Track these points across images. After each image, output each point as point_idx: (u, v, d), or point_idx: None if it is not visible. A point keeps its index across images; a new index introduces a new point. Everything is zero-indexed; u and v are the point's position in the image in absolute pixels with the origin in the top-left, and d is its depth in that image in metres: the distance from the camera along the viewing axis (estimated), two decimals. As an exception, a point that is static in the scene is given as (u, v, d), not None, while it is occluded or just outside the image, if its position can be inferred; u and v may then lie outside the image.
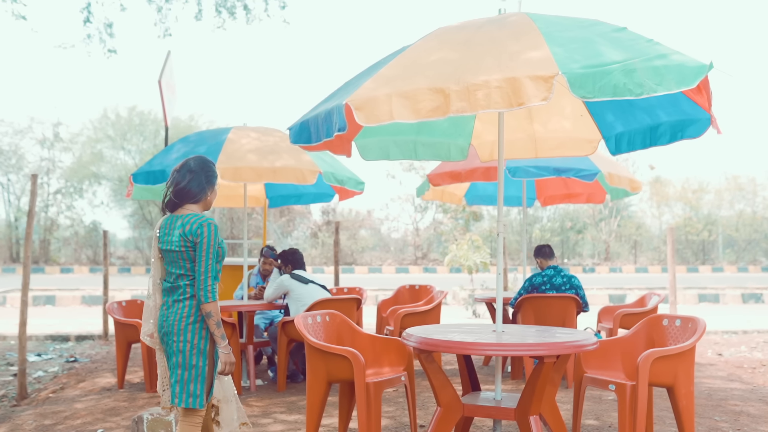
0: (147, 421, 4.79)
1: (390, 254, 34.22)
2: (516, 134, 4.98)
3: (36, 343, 10.54)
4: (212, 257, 3.28)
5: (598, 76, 2.89)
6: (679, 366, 4.10)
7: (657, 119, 4.32)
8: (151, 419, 4.80)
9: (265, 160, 6.23)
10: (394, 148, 4.84)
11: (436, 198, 8.34)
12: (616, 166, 7.07)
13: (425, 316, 6.98)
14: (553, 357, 3.52)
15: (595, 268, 31.00)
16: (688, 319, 4.36)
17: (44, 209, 30.91)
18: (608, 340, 4.58)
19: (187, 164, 3.45)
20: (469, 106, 2.91)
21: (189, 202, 3.39)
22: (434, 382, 3.77)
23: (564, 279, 6.43)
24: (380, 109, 3.03)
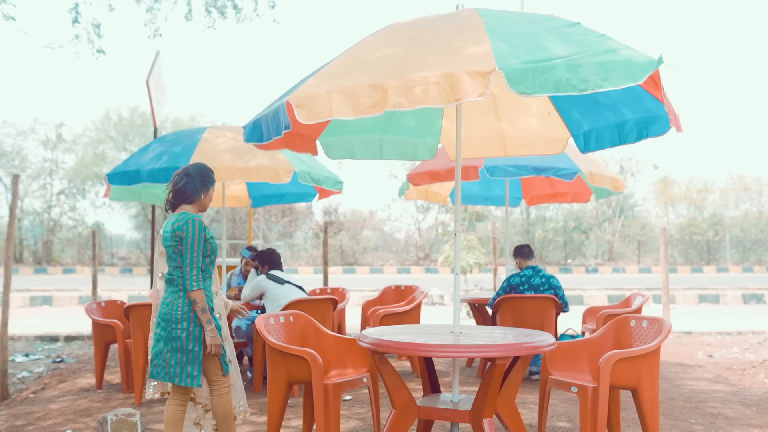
0: (111, 422, 4.75)
1: (392, 255, 34.15)
2: (484, 132, 4.92)
3: (25, 344, 10.54)
4: (196, 250, 3.64)
5: (539, 71, 2.82)
6: (642, 368, 4.03)
7: (622, 117, 4.25)
8: (115, 420, 4.76)
9: (240, 159, 6.19)
10: (360, 147, 4.79)
11: (419, 197, 8.28)
12: (598, 164, 6.99)
13: (404, 317, 6.92)
14: (506, 359, 3.46)
15: (598, 269, 30.85)
16: (655, 320, 4.29)
17: (47, 210, 31.04)
18: (574, 342, 4.51)
19: (186, 169, 3.86)
20: (407, 101, 2.85)
21: (184, 203, 3.80)
22: (388, 384, 3.71)
23: (542, 279, 6.36)
24: (320, 106, 2.98)
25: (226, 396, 3.86)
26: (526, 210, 33.29)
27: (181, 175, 3.82)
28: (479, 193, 8.69)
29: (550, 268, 30.69)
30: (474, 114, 4.84)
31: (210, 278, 3.82)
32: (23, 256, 30.99)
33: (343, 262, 33.39)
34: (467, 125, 4.95)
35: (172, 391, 3.90)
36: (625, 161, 32.73)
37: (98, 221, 32.45)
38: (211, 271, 3.79)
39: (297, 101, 3.03)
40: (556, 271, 30.30)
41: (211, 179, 3.86)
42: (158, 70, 10.35)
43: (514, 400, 3.91)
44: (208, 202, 3.87)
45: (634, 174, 32.83)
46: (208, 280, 3.79)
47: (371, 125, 4.77)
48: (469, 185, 8.66)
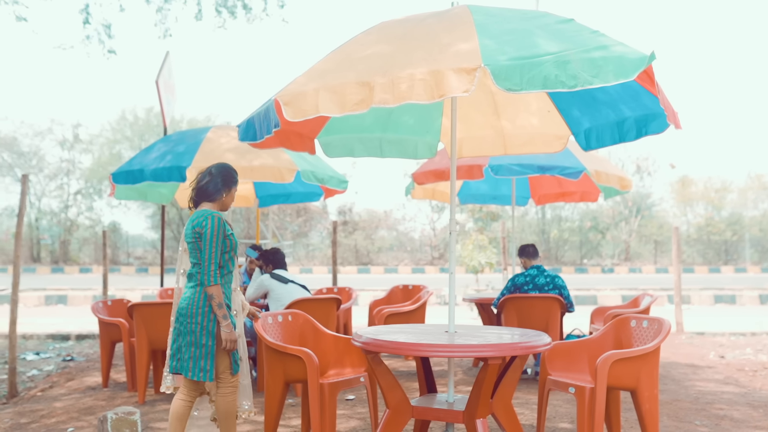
0: (111, 420, 4.76)
1: (407, 254, 34.11)
2: (484, 131, 4.89)
3: (37, 342, 10.64)
4: (214, 246, 3.71)
5: (527, 68, 2.79)
6: (641, 369, 3.97)
7: (621, 114, 4.21)
8: (115, 418, 4.78)
9: (243, 158, 6.20)
10: (359, 146, 4.77)
11: (426, 197, 8.25)
12: (605, 163, 6.92)
13: (409, 316, 6.90)
14: (498, 359, 3.42)
15: (614, 269, 30.59)
16: (655, 320, 4.23)
17: (64, 210, 31.33)
18: (574, 342, 4.46)
19: (209, 168, 3.94)
20: (392, 97, 2.83)
21: (206, 201, 3.89)
22: (382, 384, 3.69)
23: (547, 279, 6.31)
24: (307, 104, 2.97)
25: (231, 395, 3.91)
26: (541, 210, 33.10)
27: (204, 174, 3.90)
28: (487, 192, 8.64)
29: (565, 268, 30.50)
30: (474, 112, 4.80)
31: (230, 275, 3.88)
32: (41, 255, 31.30)
33: (358, 261, 33.38)
34: (467, 124, 4.92)
35: (182, 386, 3.96)
36: (641, 160, 32.45)
37: (114, 221, 32.69)
38: (230, 267, 3.86)
39: (285, 99, 3.02)
40: (572, 271, 30.12)
41: (233, 179, 3.94)
42: (168, 70, 10.39)
43: (510, 400, 3.88)
44: (230, 202, 3.96)
45: (650, 173, 32.54)
46: (227, 276, 3.86)
47: (370, 124, 4.75)
48: (476, 184, 8.61)
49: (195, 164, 6.02)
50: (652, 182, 37.30)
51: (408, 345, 3.44)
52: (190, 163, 6.03)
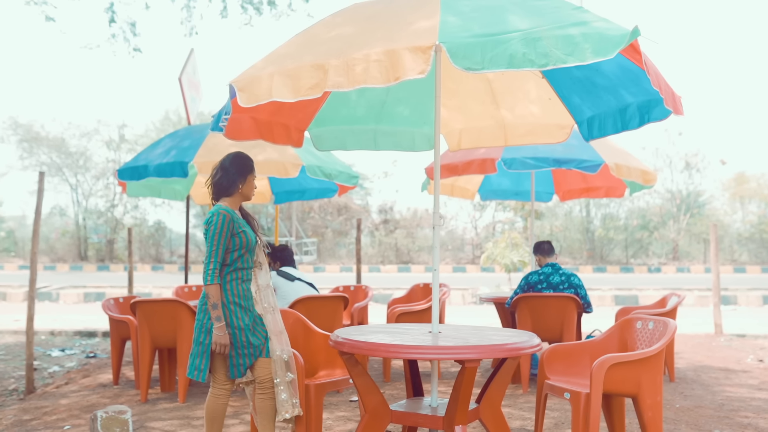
0: (101, 419, 4.69)
1: (448, 253, 33.77)
2: (484, 121, 4.64)
3: (64, 338, 10.76)
4: (216, 244, 3.55)
5: (490, 45, 2.56)
6: (642, 374, 3.69)
7: (623, 100, 3.93)
8: (105, 417, 4.70)
9: (248, 154, 6.06)
10: (351, 138, 4.60)
11: (445, 192, 8.01)
12: (626, 156, 6.56)
13: (421, 315, 6.68)
14: (475, 361, 3.19)
15: (661, 268, 29.70)
16: (661, 321, 3.93)
17: (110, 210, 31.95)
18: (574, 344, 4.19)
19: (221, 161, 3.75)
20: (346, 81, 2.64)
21: (223, 196, 3.72)
22: (359, 387, 3.50)
23: (562, 278, 6.01)
24: (261, 89, 2.80)
25: (221, 399, 3.77)
26: (586, 207, 32.35)
27: (217, 168, 3.74)
28: (509, 187, 8.36)
29: (610, 268, 29.74)
30: (471, 102, 4.57)
31: (244, 271, 3.70)
32: (88, 254, 31.99)
33: (399, 260, 33.20)
34: (465, 114, 4.69)
35: (211, 382, 3.82)
36: (690, 156, 31.42)
37: (159, 220, 33.25)
38: (243, 264, 3.68)
39: (239, 84, 2.86)
40: (617, 271, 29.35)
41: (247, 167, 3.75)
42: (192, 67, 10.38)
43: (500, 405, 3.64)
44: (249, 191, 3.77)
45: (700, 170, 31.47)
46: (240, 272, 3.67)
47: (362, 115, 4.57)
48: (497, 179, 8.34)
49: (197, 159, 5.92)
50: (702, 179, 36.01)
51: (382, 346, 3.24)
52: (192, 159, 5.94)
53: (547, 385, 3.98)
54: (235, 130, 3.82)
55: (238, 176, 3.71)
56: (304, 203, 34.31)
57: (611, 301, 16.75)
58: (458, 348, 3.20)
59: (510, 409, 5.41)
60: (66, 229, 32.38)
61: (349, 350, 3.32)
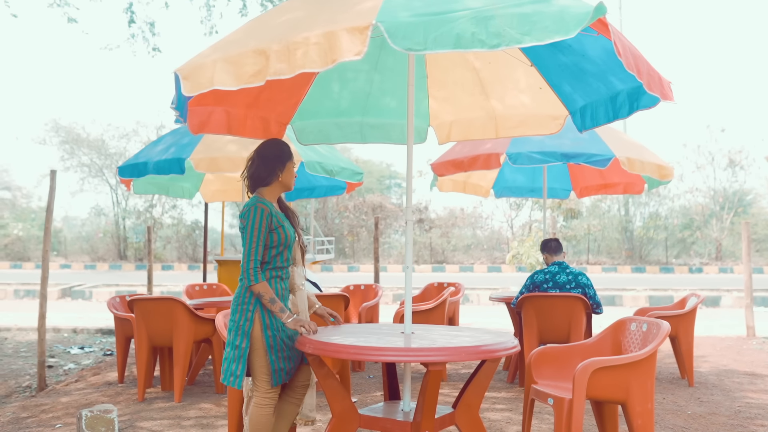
0: (86, 418, 4.64)
1: (483, 253, 33.39)
2: (474, 112, 4.44)
3: (85, 336, 10.86)
4: (255, 240, 3.27)
5: (435, 24, 2.38)
6: (631, 379, 3.45)
7: (613, 88, 3.70)
8: (90, 416, 4.64)
9: (246, 150, 5.95)
10: (336, 131, 4.45)
11: (456, 189, 7.79)
12: (639, 149, 6.27)
13: (428, 315, 6.50)
14: (439, 364, 3.01)
15: (702, 268, 28.83)
16: (654, 323, 3.69)
17: (149, 210, 32.43)
18: (563, 347, 3.97)
19: (257, 149, 3.49)
20: (287, 67, 2.49)
21: (261, 187, 3.45)
22: (325, 389, 3.35)
23: (569, 277, 5.77)
24: (203, 77, 2.66)
25: (266, 408, 3.38)
26: (624, 206, 31.62)
27: (252, 159, 3.47)
28: (524, 184, 8.11)
29: (650, 268, 28.99)
30: (460, 92, 4.38)
31: (280, 270, 3.42)
32: (127, 253, 32.51)
33: (433, 260, 32.96)
34: (455, 105, 4.50)
35: (254, 391, 3.44)
36: (734, 153, 30.45)
37: (196, 219, 33.60)
38: (280, 263, 3.41)
39: (184, 72, 2.73)
40: (656, 271, 28.61)
41: (285, 154, 3.45)
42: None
43: (478, 410, 3.45)
44: (289, 179, 3.47)
45: (744, 167, 30.47)
46: (278, 271, 3.40)
47: (347, 107, 4.41)
48: (512, 176, 8.10)
49: (194, 155, 5.85)
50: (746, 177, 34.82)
51: (343, 347, 3.08)
52: (189, 155, 5.86)
53: (533, 390, 3.78)
54: (201, 123, 3.70)
55: (277, 163, 3.41)
56: (339, 203, 34.33)
57: (645, 301, 16.28)
58: (422, 350, 3.03)
59: (511, 414, 5.20)
60: (106, 228, 32.99)
61: (312, 351, 3.17)
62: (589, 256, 31.44)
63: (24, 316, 13.21)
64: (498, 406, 5.49)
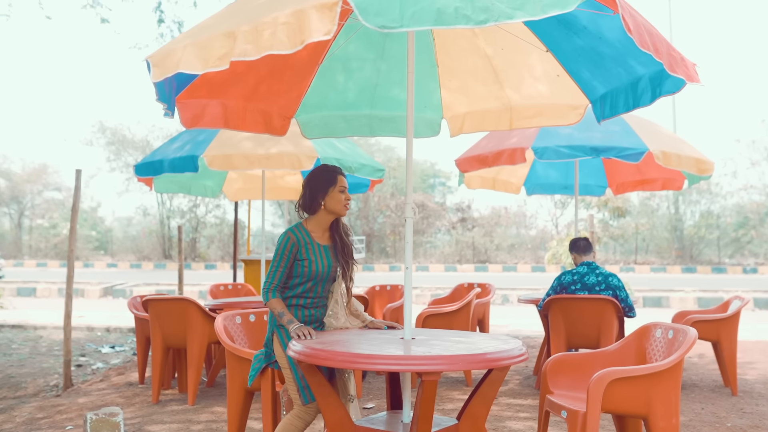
0: (91, 421, 4.52)
1: (527, 252, 32.80)
2: (489, 103, 4.18)
3: (117, 335, 10.91)
4: (274, 265, 3.29)
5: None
6: (652, 391, 3.15)
7: (634, 73, 3.39)
8: (95, 419, 4.52)
9: (261, 147, 5.82)
10: (342, 124, 4.24)
11: (485, 186, 7.50)
12: (676, 143, 5.88)
13: (451, 318, 6.23)
14: (434, 374, 2.77)
15: (757, 269, 27.72)
16: (681, 330, 3.37)
17: (192, 209, 32.81)
18: (585, 354, 3.68)
19: (305, 177, 3.43)
20: (254, 48, 2.29)
21: (308, 215, 3.40)
22: (318, 399, 3.14)
23: (599, 278, 5.44)
24: (171, 62, 2.48)
25: (297, 420, 3.28)
26: (674, 203, 30.65)
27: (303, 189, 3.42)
28: (557, 181, 7.77)
29: (701, 268, 28.02)
30: (473, 82, 4.12)
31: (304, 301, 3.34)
32: (171, 253, 32.94)
33: (476, 259, 32.53)
34: (468, 96, 4.24)
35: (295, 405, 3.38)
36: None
37: (240, 219, 33.88)
38: (305, 293, 3.33)
39: (155, 59, 2.55)
40: (708, 271, 27.64)
41: (328, 180, 3.33)
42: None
43: (484, 422, 3.19)
44: (336, 206, 3.34)
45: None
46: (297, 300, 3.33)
47: (354, 100, 4.20)
48: (545, 172, 7.78)
49: (208, 152, 5.71)
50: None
51: (334, 354, 2.86)
52: (203, 152, 5.73)
53: (548, 401, 3.50)
54: (194, 116, 3.53)
55: (319, 191, 3.32)
56: (381, 202, 34.14)
57: (693, 303, 15.66)
58: (415, 358, 2.79)
59: (535, 423, 4.90)
60: (151, 228, 33.50)
61: (300, 358, 2.96)
62: (637, 256, 30.59)
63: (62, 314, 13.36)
64: (522, 414, 5.20)
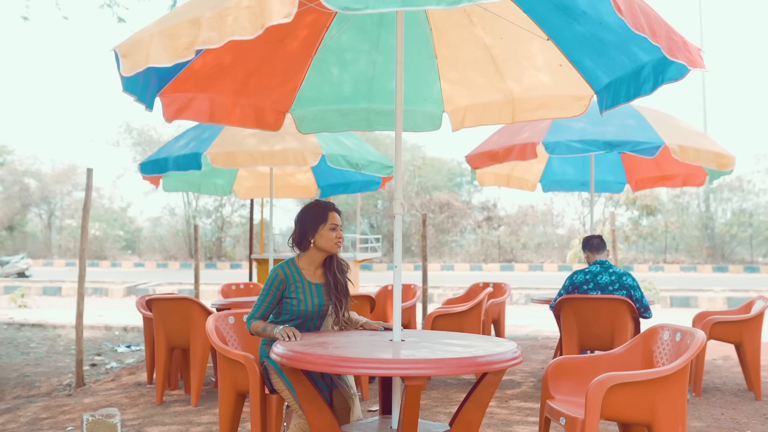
0: (87, 422, 4.45)
1: (554, 251, 32.38)
2: (490, 95, 4.01)
3: (135, 334, 10.92)
4: (261, 298, 3.26)
5: (378, -22, 2.00)
6: (656, 397, 2.97)
7: (636, 60, 3.21)
8: (91, 421, 4.44)
9: (266, 143, 5.72)
10: (338, 118, 4.11)
11: (500, 183, 7.32)
12: (694, 136, 5.64)
13: (462, 318, 6.08)
14: (418, 379, 2.62)
15: (791, 269, 27.04)
16: (689, 332, 3.18)
17: (218, 209, 32.98)
18: (588, 358, 3.50)
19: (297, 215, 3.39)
20: (218, 35, 2.17)
21: (301, 251, 3.34)
22: (303, 404, 3.01)
23: (613, 277, 5.24)
24: (140, 53, 2.37)
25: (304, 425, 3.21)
26: (705, 201, 30.01)
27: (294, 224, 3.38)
28: (574, 177, 7.56)
29: (733, 267, 27.39)
30: (473, 73, 3.96)
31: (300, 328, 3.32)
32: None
33: (502, 258, 32.21)
34: (469, 88, 4.08)
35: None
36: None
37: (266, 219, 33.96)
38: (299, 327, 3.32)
39: (123, 50, 2.44)
40: (740, 270, 27.01)
41: (318, 217, 3.26)
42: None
43: (478, 428, 3.04)
44: (325, 243, 3.26)
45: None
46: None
47: (350, 93, 4.07)
48: (561, 168, 7.57)
49: (211, 150, 5.62)
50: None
51: (314, 357, 2.73)
52: (206, 150, 5.65)
53: (547, 407, 3.33)
54: (178, 109, 3.42)
55: (308, 228, 3.26)
56: (405, 200, 34.00)
57: (722, 303, 15.26)
58: (398, 362, 2.65)
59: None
60: (177, 228, 33.74)
61: (285, 362, 2.83)
62: (667, 255, 30.02)
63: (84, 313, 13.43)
64: (531, 418, 5.02)
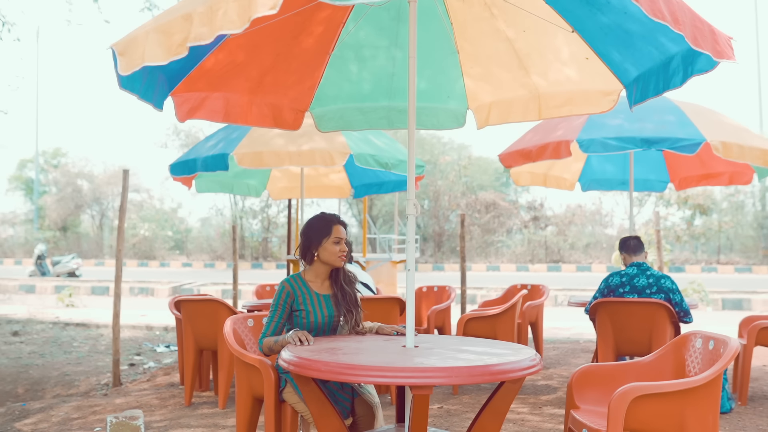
0: (111, 424, 4.45)
1: (602, 252, 31.71)
2: (515, 91, 3.85)
3: (175, 335, 11.01)
4: (271, 314, 3.28)
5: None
6: (685, 410, 2.78)
7: (665, 51, 3.03)
8: (115, 423, 4.44)
9: (293, 143, 5.67)
10: (359, 117, 4.02)
11: (536, 183, 7.12)
12: (740, 132, 5.37)
13: (495, 321, 5.93)
14: (425, 388, 2.50)
15: None
16: (722, 340, 2.98)
17: (264, 209, 33.29)
18: (616, 365, 3.32)
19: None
20: (209, 30, 2.10)
21: (307, 265, 3.36)
22: (312, 410, 2.92)
23: (650, 280, 5.01)
24: (136, 52, 2.31)
25: None
26: (761, 199, 28.99)
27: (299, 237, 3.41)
28: (614, 176, 7.31)
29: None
30: (497, 69, 3.81)
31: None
32: (244, 252, 33.54)
33: (549, 259, 31.69)
34: (493, 84, 3.93)
35: None
36: None
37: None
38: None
39: (120, 47, 2.39)
40: (797, 273, 25.99)
41: (322, 231, 3.27)
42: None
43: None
44: (329, 257, 3.27)
45: None
46: None
47: (370, 91, 3.97)
48: (600, 166, 7.33)
49: (238, 150, 5.60)
50: None
51: (318, 364, 2.64)
52: (233, 150, 5.62)
53: (571, 418, 3.17)
54: (191, 109, 3.38)
55: (312, 242, 3.27)
56: (451, 200, 33.77)
57: (777, 306, 14.66)
58: (404, 370, 2.53)
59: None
60: (225, 228, 34.18)
61: (292, 369, 2.75)
62: (721, 256, 29.10)
63: (127, 313, 13.66)
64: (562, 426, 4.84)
